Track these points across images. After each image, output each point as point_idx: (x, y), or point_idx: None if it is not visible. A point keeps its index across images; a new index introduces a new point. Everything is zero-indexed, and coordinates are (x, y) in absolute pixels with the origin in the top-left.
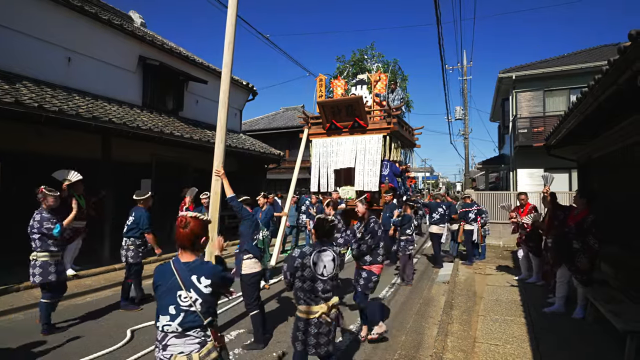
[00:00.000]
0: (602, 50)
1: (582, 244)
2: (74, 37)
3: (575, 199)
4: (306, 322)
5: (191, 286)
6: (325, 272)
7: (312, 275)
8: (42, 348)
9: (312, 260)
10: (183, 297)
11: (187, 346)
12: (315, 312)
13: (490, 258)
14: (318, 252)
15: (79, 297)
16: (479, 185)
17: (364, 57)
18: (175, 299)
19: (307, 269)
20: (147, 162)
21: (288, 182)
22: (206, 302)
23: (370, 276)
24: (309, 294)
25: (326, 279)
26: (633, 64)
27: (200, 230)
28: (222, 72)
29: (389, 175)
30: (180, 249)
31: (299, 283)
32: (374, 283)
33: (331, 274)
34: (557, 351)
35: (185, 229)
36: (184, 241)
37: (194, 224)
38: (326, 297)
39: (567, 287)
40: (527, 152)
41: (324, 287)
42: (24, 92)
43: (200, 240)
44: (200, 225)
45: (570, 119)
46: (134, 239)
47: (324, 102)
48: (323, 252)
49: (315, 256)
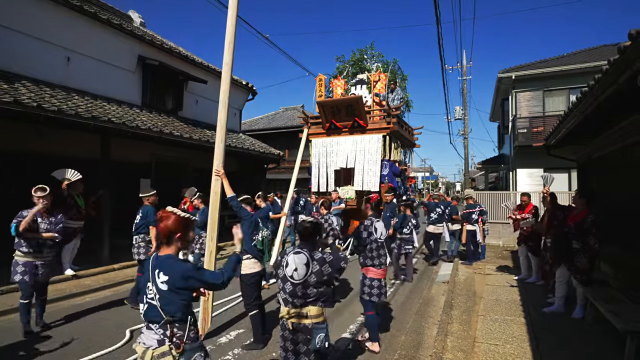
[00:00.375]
0: (601, 50)
1: (582, 244)
2: (73, 36)
3: (575, 199)
4: (281, 324)
5: (154, 280)
6: (296, 275)
7: (283, 275)
8: (41, 348)
9: (286, 261)
10: (149, 290)
11: (148, 339)
12: (280, 313)
13: (490, 258)
14: (293, 254)
15: (78, 297)
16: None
17: (363, 57)
18: (145, 289)
19: (280, 268)
20: (146, 162)
21: (288, 182)
22: (163, 298)
23: (363, 279)
24: (282, 293)
25: (297, 283)
26: (633, 63)
27: (176, 227)
28: (223, 71)
29: (389, 175)
30: (160, 242)
31: (279, 282)
32: (368, 287)
33: (302, 278)
34: (557, 351)
35: (160, 222)
36: (160, 235)
37: (171, 219)
38: (294, 303)
39: (567, 287)
40: (526, 152)
41: (292, 291)
42: (23, 92)
43: (175, 236)
44: (177, 221)
45: (570, 119)
46: (144, 235)
47: (323, 102)
48: (297, 254)
49: (290, 257)
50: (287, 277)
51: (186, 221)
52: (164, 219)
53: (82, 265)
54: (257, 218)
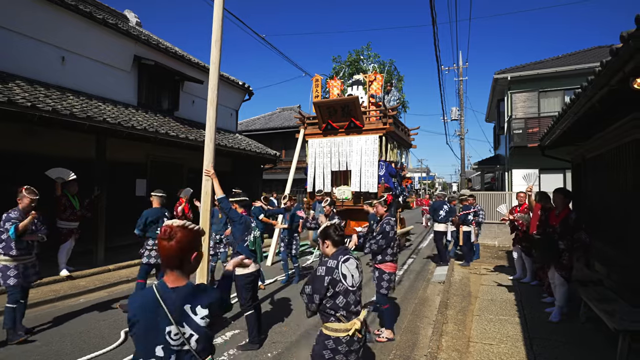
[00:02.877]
0: (596, 51)
1: (568, 242)
2: (68, 36)
3: (554, 197)
4: (336, 341)
5: (184, 319)
6: (355, 282)
7: (345, 289)
8: (35, 349)
9: (342, 273)
10: (173, 335)
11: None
12: (349, 330)
13: (485, 258)
14: (343, 263)
15: (72, 298)
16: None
17: (360, 58)
18: (163, 338)
19: (339, 284)
20: (142, 162)
21: (284, 182)
22: (204, 337)
23: (381, 275)
24: (342, 310)
25: (355, 289)
26: (625, 65)
27: (191, 244)
28: (210, 70)
29: (385, 176)
30: (166, 269)
31: (331, 300)
32: (386, 282)
33: (359, 282)
34: (551, 350)
35: (170, 241)
36: (170, 258)
37: (182, 235)
38: (357, 311)
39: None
40: (522, 152)
41: (355, 299)
42: (17, 92)
43: (190, 257)
44: (190, 236)
45: (564, 120)
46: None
47: (320, 103)
48: (347, 261)
49: (343, 267)
50: (349, 289)
51: (200, 236)
52: (174, 236)
53: (77, 266)
54: (247, 219)
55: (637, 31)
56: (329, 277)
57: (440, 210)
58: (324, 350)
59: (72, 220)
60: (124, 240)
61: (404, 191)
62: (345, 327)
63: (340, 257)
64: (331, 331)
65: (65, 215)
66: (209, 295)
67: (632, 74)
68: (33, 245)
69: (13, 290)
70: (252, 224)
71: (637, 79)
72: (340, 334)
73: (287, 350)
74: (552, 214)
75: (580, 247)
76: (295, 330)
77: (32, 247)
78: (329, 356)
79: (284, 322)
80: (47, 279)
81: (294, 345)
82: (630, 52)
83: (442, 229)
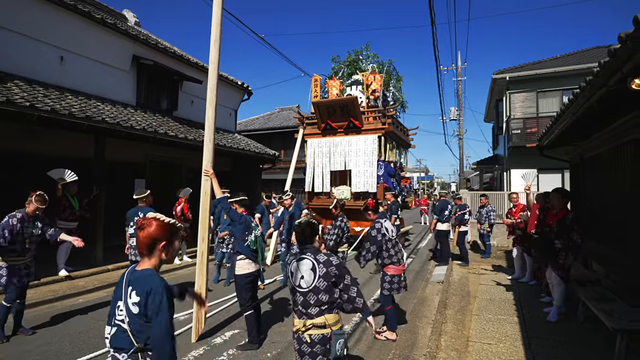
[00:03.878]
0: (595, 51)
1: (565, 241)
2: (67, 36)
3: (551, 197)
4: (296, 337)
5: (125, 298)
6: (304, 284)
7: (292, 286)
8: (35, 349)
9: (291, 270)
10: (119, 310)
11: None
12: (295, 326)
13: (483, 258)
14: (296, 261)
15: (71, 298)
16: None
17: (359, 58)
18: (114, 309)
19: (289, 279)
20: (141, 162)
21: (283, 182)
22: (134, 322)
23: (383, 276)
24: (294, 305)
25: (306, 291)
26: (623, 66)
27: (160, 234)
28: (209, 70)
29: (384, 176)
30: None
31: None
32: (388, 283)
33: (310, 285)
34: (549, 349)
35: (141, 230)
36: (139, 245)
37: (153, 226)
38: (308, 313)
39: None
40: (520, 152)
41: (304, 300)
42: (16, 92)
43: (159, 246)
44: (160, 227)
45: (562, 120)
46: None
47: (319, 102)
48: (301, 260)
49: (294, 265)
50: (296, 288)
51: (172, 228)
52: (145, 226)
53: (76, 266)
54: (247, 219)
55: (635, 32)
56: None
57: (446, 210)
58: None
59: (71, 220)
60: (123, 240)
61: (402, 191)
62: (296, 324)
63: (298, 254)
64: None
65: (65, 216)
66: (147, 285)
67: (631, 75)
68: (30, 248)
69: (8, 289)
70: (252, 223)
71: (635, 80)
72: (294, 329)
73: (287, 350)
74: (550, 213)
75: (572, 247)
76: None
77: (29, 249)
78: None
79: (284, 322)
80: (46, 279)
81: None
82: (629, 53)
83: (445, 228)
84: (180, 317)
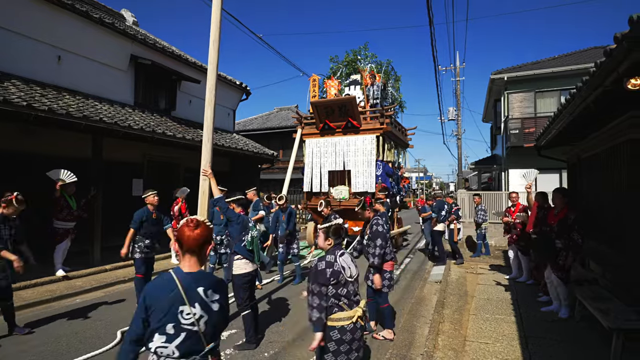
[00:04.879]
0: (592, 52)
1: (565, 241)
2: (65, 35)
3: (553, 196)
4: (341, 330)
5: (197, 300)
6: (353, 273)
7: (345, 281)
8: (32, 349)
9: (340, 265)
10: (185, 314)
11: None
12: (352, 317)
13: (482, 257)
14: (340, 257)
15: (69, 298)
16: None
17: (357, 58)
18: (175, 316)
19: (340, 275)
20: (138, 162)
21: (282, 182)
22: (212, 321)
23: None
24: (344, 299)
25: (353, 281)
26: (619, 66)
27: (210, 236)
28: (208, 70)
29: (382, 176)
30: (187, 254)
31: (333, 290)
32: (387, 280)
33: (356, 274)
34: (546, 348)
35: (196, 229)
36: (193, 244)
37: (204, 227)
38: (357, 300)
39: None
40: (518, 152)
41: (354, 290)
42: (13, 91)
43: (208, 247)
44: (209, 230)
45: (560, 120)
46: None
47: (317, 102)
48: (343, 255)
49: (341, 260)
50: (348, 280)
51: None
52: (199, 226)
53: (73, 266)
54: (245, 219)
55: (631, 32)
56: (330, 269)
57: (443, 211)
58: (329, 343)
59: (68, 220)
60: (121, 240)
61: (400, 191)
62: (349, 315)
63: (337, 251)
64: (335, 321)
65: (62, 216)
66: (222, 282)
67: (627, 75)
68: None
69: None
70: (249, 223)
71: (631, 80)
72: (344, 323)
73: (284, 350)
74: (551, 213)
75: (573, 247)
76: (292, 329)
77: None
78: (334, 348)
79: (281, 321)
80: (43, 279)
81: (291, 344)
82: (624, 53)
83: (440, 229)
84: None
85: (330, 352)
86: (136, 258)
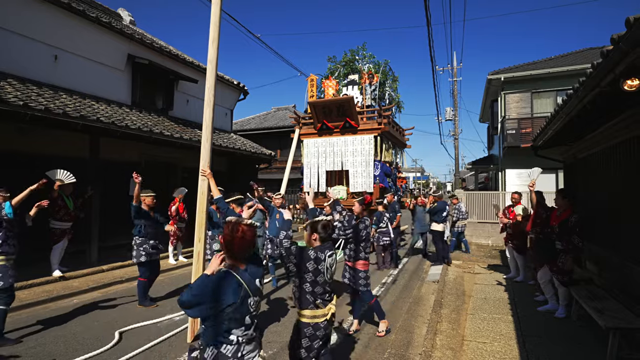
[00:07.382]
0: (589, 52)
1: (566, 243)
2: (61, 34)
3: (557, 198)
4: (315, 327)
5: (256, 290)
6: (330, 273)
7: (324, 280)
8: (28, 351)
9: (327, 265)
10: (252, 304)
11: (255, 346)
12: (326, 315)
13: (479, 257)
14: (328, 257)
15: (66, 298)
16: (468, 185)
17: (355, 58)
18: (247, 308)
19: (320, 274)
20: (136, 162)
21: (279, 181)
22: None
23: (357, 273)
24: (320, 297)
25: (330, 279)
26: (615, 67)
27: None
28: (207, 69)
29: (380, 176)
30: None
31: (310, 287)
32: (363, 279)
33: (334, 273)
34: (543, 348)
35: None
36: (248, 249)
37: (251, 231)
38: (330, 298)
39: (552, 286)
40: (515, 152)
41: (330, 289)
42: (9, 90)
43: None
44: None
45: (556, 121)
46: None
47: (315, 102)
48: (331, 256)
49: (329, 260)
50: (327, 279)
51: None
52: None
53: (70, 266)
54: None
55: (627, 34)
56: (315, 265)
57: (443, 212)
58: (301, 340)
59: (65, 220)
60: (118, 240)
61: (398, 191)
62: (323, 312)
63: (327, 249)
64: (310, 318)
65: (59, 216)
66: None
67: (623, 76)
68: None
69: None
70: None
71: (627, 81)
72: (318, 320)
73: (283, 350)
74: (554, 214)
75: (573, 249)
76: (290, 329)
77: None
78: (306, 344)
79: (280, 322)
80: (40, 280)
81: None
82: (621, 54)
83: (440, 229)
84: (176, 317)
85: (313, 350)
86: (142, 262)
